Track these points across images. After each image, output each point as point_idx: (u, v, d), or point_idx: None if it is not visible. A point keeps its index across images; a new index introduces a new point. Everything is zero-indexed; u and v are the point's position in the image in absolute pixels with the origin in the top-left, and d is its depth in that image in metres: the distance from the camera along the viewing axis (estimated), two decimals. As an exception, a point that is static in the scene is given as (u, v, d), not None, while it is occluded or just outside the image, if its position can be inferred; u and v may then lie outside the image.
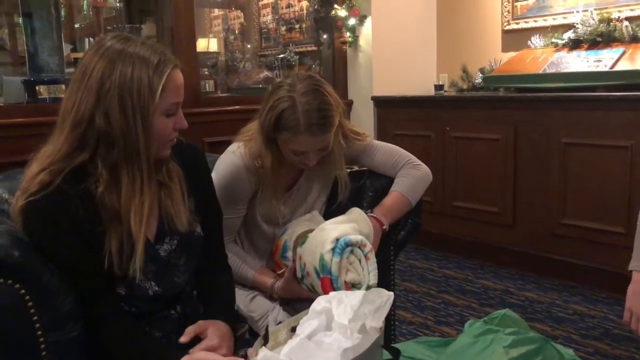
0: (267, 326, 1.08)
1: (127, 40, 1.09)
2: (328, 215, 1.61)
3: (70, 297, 1.08)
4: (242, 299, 1.51)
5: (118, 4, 3.56)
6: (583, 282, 2.82)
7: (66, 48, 2.80)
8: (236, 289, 1.50)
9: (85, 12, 3.95)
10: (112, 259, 1.09)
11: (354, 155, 1.66)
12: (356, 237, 1.30)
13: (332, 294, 0.95)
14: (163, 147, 1.15)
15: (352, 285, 1.29)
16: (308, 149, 1.43)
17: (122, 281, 1.13)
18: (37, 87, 2.46)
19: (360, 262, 1.31)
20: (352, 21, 3.56)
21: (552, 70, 3.00)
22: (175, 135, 1.15)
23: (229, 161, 1.49)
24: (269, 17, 4.49)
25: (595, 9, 3.06)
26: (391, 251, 1.69)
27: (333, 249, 1.26)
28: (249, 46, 4.38)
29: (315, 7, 3.75)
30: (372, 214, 1.56)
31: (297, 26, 4.33)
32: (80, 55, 2.54)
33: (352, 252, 1.30)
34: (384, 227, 1.56)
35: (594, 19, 3.00)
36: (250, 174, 1.49)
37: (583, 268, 2.82)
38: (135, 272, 1.11)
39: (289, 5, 4.36)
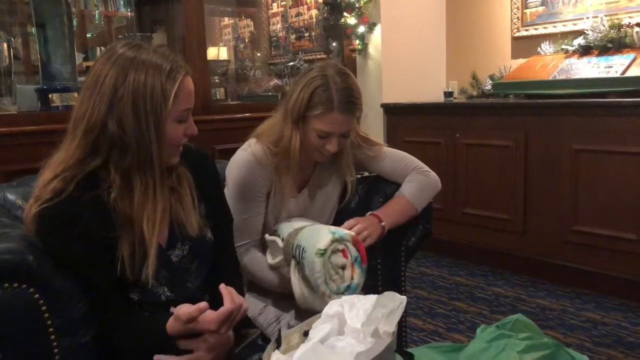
0: (279, 330, 1.08)
1: (139, 47, 1.11)
2: (336, 222, 1.62)
3: (83, 301, 1.09)
4: (253, 307, 1.51)
5: (129, 13, 3.60)
6: (595, 289, 2.79)
7: (78, 57, 2.83)
8: (248, 297, 1.51)
9: (97, 22, 4.00)
10: (125, 265, 1.09)
11: (364, 161, 1.67)
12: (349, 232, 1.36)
13: (344, 298, 0.95)
14: (173, 154, 1.16)
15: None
16: (335, 130, 1.46)
17: (135, 287, 1.14)
18: (50, 96, 2.48)
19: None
20: (361, 29, 3.57)
21: (563, 77, 2.99)
22: (184, 141, 1.16)
23: (241, 157, 1.51)
24: (279, 26, 4.51)
25: (605, 15, 3.05)
26: (402, 258, 1.69)
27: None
28: (258, 54, 4.41)
29: (325, 15, 3.77)
30: (372, 212, 1.58)
31: (306, 34, 4.35)
32: (91, 63, 2.57)
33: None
34: (382, 223, 1.56)
35: (604, 25, 2.99)
36: (263, 169, 1.51)
37: (595, 275, 2.80)
38: (147, 278, 1.11)
39: (298, 14, 4.38)
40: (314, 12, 4.24)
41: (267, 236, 1.51)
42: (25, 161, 2.02)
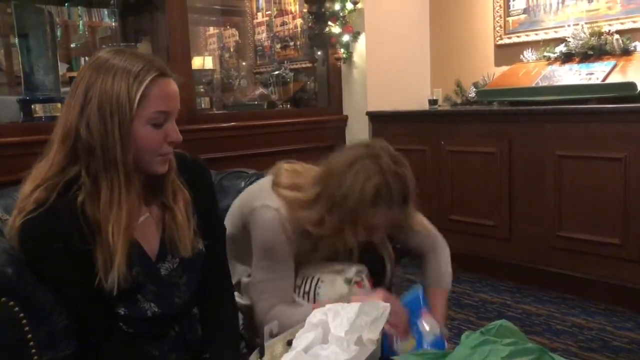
0: (262, 340, 1.07)
1: (119, 52, 1.09)
2: None
3: (64, 315, 1.08)
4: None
5: (113, 24, 3.58)
6: (581, 295, 2.81)
7: (62, 67, 2.81)
8: None
9: (81, 32, 3.98)
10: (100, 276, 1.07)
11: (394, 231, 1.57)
12: None
13: (328, 306, 0.95)
14: (153, 161, 1.11)
15: None
16: (392, 222, 1.37)
17: (120, 301, 1.12)
18: (32, 106, 2.46)
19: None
20: (346, 38, 3.59)
21: (545, 84, 3.03)
22: (168, 150, 1.12)
23: (271, 219, 1.37)
24: (264, 35, 4.52)
25: (586, 23, 3.10)
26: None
27: None
28: (244, 63, 4.41)
29: (310, 24, 3.78)
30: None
31: (291, 43, 4.36)
32: (76, 74, 2.55)
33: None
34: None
35: (584, 33, 3.03)
36: (291, 239, 1.39)
37: (580, 280, 2.82)
38: (113, 284, 1.06)
39: (283, 23, 4.39)
40: (298, 21, 4.25)
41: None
42: (7, 173, 1.99)
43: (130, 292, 1.12)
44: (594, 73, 2.87)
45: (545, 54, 3.19)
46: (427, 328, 1.31)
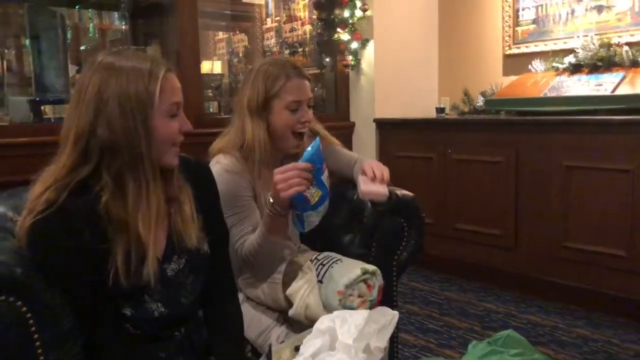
0: (270, 345, 1.07)
1: (118, 53, 1.12)
2: None
3: (70, 315, 1.08)
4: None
5: (124, 27, 3.60)
6: (586, 306, 2.80)
7: (72, 69, 2.83)
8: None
9: (91, 35, 4.00)
10: (118, 273, 1.08)
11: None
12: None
13: (336, 313, 0.95)
14: (169, 152, 1.14)
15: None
16: (302, 95, 1.54)
17: (127, 301, 1.12)
18: (42, 107, 2.48)
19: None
20: (354, 45, 3.60)
21: (553, 94, 3.02)
22: (181, 139, 1.16)
23: (216, 171, 1.49)
24: (273, 41, 4.53)
25: (595, 34, 3.10)
26: (393, 272, 1.68)
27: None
28: (257, 63, 4.41)
29: (319, 31, 3.80)
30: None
31: (300, 49, 4.37)
32: (85, 76, 2.57)
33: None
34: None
35: (594, 44, 3.03)
36: (239, 177, 1.53)
37: (586, 291, 2.81)
38: (149, 277, 1.10)
39: (292, 29, 4.41)
40: (307, 27, 4.27)
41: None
42: (17, 173, 2.00)
43: (137, 293, 1.13)
44: (603, 84, 2.87)
45: (554, 64, 3.19)
46: (327, 183, 1.43)
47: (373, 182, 1.56)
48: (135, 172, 1.08)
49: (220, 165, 1.53)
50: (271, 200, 1.40)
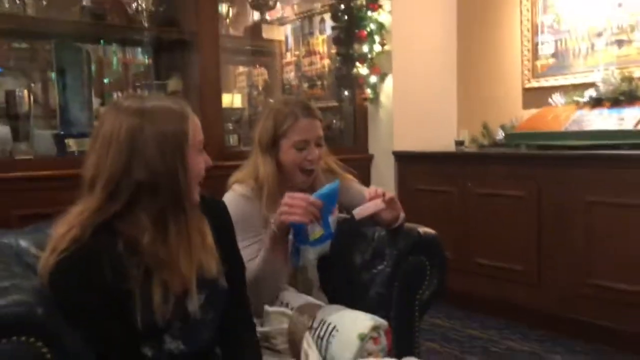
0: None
1: (141, 98, 1.18)
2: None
3: (92, 357, 1.07)
4: None
5: (147, 61, 3.67)
6: (612, 345, 2.71)
7: (95, 102, 2.88)
8: None
9: (114, 68, 4.07)
10: (152, 312, 1.08)
11: None
12: None
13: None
14: (195, 187, 1.18)
15: None
16: (308, 135, 1.60)
17: (148, 341, 1.11)
18: (66, 141, 2.52)
19: None
20: (373, 79, 3.62)
21: (575, 128, 2.99)
22: (203, 174, 1.20)
23: (229, 199, 1.58)
24: (292, 74, 4.57)
25: (616, 68, 3.08)
26: (415, 313, 1.65)
27: None
28: (271, 101, 4.45)
29: (337, 65, 3.83)
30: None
31: (318, 83, 4.41)
32: (108, 110, 2.61)
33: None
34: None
35: (615, 78, 3.01)
36: (252, 203, 1.59)
37: (612, 330, 2.73)
38: (195, 313, 1.13)
39: (311, 63, 4.45)
40: (326, 61, 4.30)
41: (267, 307, 1.50)
42: (40, 205, 2.02)
43: (158, 331, 1.12)
44: (625, 119, 2.84)
45: (575, 98, 3.17)
46: (333, 226, 1.46)
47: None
48: (177, 210, 1.12)
49: (235, 192, 1.62)
50: (272, 221, 1.46)
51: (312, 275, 1.70)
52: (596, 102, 3.06)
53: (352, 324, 1.36)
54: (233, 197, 1.60)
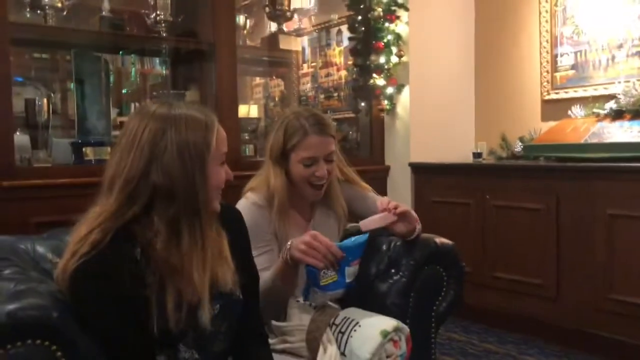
0: None
1: (170, 104, 1.16)
2: None
3: (106, 363, 1.06)
4: None
5: (164, 72, 3.70)
6: (635, 363, 2.65)
7: (113, 112, 2.90)
8: None
9: (133, 79, 4.12)
10: (167, 319, 1.07)
11: (349, 200, 1.76)
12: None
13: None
14: (215, 198, 1.19)
15: None
16: (316, 152, 1.58)
17: (162, 350, 1.11)
18: (84, 149, 2.54)
19: None
20: (390, 90, 3.60)
21: (595, 141, 2.95)
22: (223, 186, 1.20)
23: (242, 206, 1.59)
24: (309, 86, 4.59)
25: (637, 80, 3.04)
26: (432, 324, 1.62)
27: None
28: (286, 110, 4.45)
29: (354, 76, 3.83)
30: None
31: (335, 94, 4.41)
32: (125, 119, 2.64)
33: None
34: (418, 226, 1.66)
35: (636, 90, 2.97)
36: (264, 211, 1.59)
37: (632, 347, 2.66)
38: (205, 322, 1.11)
39: (327, 75, 4.46)
40: (343, 73, 4.31)
41: (292, 300, 1.49)
42: (57, 213, 2.03)
43: (172, 340, 1.12)
44: (647, 131, 2.79)
45: (595, 110, 3.13)
46: (350, 276, 1.44)
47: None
48: (191, 218, 1.11)
49: (248, 200, 1.63)
50: (288, 246, 1.43)
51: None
52: (617, 114, 3.01)
53: (376, 321, 1.37)
54: (246, 205, 1.60)
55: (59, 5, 2.68)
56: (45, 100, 2.55)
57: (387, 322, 1.36)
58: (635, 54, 3.15)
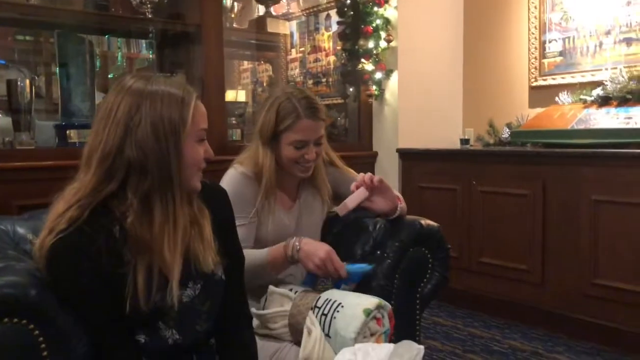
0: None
1: (147, 78, 1.13)
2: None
3: (83, 341, 1.05)
4: None
5: (151, 55, 3.66)
6: (616, 346, 2.68)
7: (98, 96, 2.86)
8: None
9: (119, 63, 4.07)
10: (137, 298, 1.06)
11: (333, 182, 1.77)
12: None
13: (358, 345, 0.90)
14: (194, 176, 1.16)
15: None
16: (307, 136, 1.58)
17: (142, 328, 1.10)
18: (67, 132, 2.50)
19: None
20: (378, 75, 3.59)
21: (581, 127, 2.96)
22: (204, 165, 1.18)
23: (230, 175, 1.63)
24: (297, 71, 4.57)
25: (624, 67, 3.04)
26: (417, 306, 1.63)
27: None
28: (277, 90, 4.42)
29: (343, 61, 3.81)
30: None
31: (323, 80, 4.39)
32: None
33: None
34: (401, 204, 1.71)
35: (623, 77, 2.97)
36: (251, 181, 1.62)
37: (616, 331, 2.69)
38: (173, 301, 1.10)
39: (316, 60, 4.44)
40: (332, 58, 4.29)
41: (272, 288, 1.49)
42: (40, 196, 1.99)
43: (152, 319, 1.11)
44: (633, 117, 2.80)
45: (582, 96, 3.13)
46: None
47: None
48: (164, 194, 1.09)
49: (236, 170, 1.64)
50: (297, 246, 1.48)
51: None
52: (604, 101, 3.02)
53: (358, 300, 1.37)
54: (234, 174, 1.62)
55: (41, -17, 2.64)
56: (27, 82, 2.50)
57: (369, 300, 1.36)
58: (623, 40, 3.16)
